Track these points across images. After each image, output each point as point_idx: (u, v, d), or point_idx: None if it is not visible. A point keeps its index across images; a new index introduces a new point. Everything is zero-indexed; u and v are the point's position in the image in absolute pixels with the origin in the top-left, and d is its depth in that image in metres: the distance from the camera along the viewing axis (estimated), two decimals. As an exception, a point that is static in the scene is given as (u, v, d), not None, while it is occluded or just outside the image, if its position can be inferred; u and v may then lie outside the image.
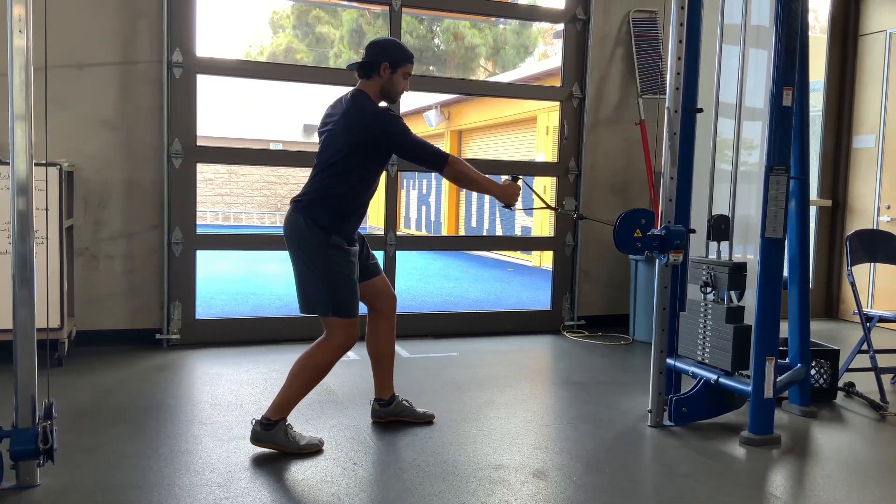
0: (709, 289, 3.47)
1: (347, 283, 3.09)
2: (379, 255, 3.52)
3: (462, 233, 15.63)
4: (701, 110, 3.62)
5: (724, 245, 3.51)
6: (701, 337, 3.53)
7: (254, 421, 3.10)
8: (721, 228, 3.46)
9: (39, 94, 3.07)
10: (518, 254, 13.34)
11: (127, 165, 4.77)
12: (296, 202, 3.15)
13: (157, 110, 4.78)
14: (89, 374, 4.19)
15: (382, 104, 3.25)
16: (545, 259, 11.56)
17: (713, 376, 3.47)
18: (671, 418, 3.55)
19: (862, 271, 5.98)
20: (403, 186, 18.25)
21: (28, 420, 2.61)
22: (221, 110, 18.27)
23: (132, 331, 4.84)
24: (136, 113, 4.76)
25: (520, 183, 3.29)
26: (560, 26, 5.84)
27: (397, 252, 5.45)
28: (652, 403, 3.58)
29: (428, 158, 3.14)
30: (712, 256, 3.55)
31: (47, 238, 4.11)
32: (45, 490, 2.65)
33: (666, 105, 3.60)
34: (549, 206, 3.61)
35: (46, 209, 4.06)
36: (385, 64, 3.16)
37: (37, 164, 3.07)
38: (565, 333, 5.69)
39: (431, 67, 19.84)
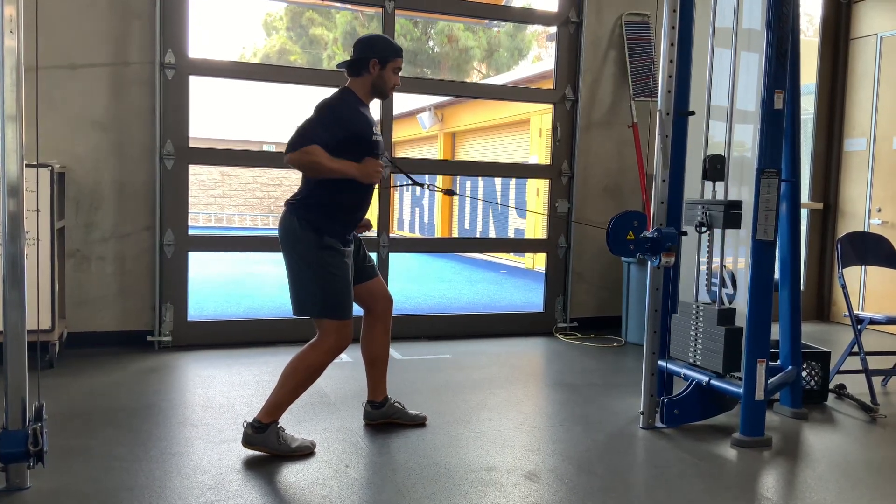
0: (704, 228, 3.45)
1: (340, 285, 3.09)
2: (372, 257, 3.52)
3: (455, 235, 15.63)
4: (693, 113, 3.64)
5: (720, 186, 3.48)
6: (693, 339, 3.54)
7: (245, 424, 3.09)
8: (717, 168, 3.43)
9: (31, 95, 3.06)
10: (511, 255, 13.35)
11: (119, 167, 4.76)
12: (290, 203, 3.15)
13: (149, 111, 4.77)
14: (80, 376, 4.17)
15: (376, 104, 3.24)
16: (538, 261, 11.57)
17: (705, 378, 3.48)
18: (663, 420, 3.55)
19: (853, 274, 6.01)
20: (397, 188, 18.23)
21: (18, 422, 2.60)
22: (214, 112, 18.23)
23: (123, 332, 4.82)
24: (128, 114, 4.74)
25: (383, 160, 3.19)
26: (553, 29, 5.85)
27: (390, 254, 5.44)
28: (644, 405, 3.59)
29: (291, 139, 3.03)
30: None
31: (38, 239, 4.09)
32: (36, 493, 2.64)
33: (658, 108, 3.61)
34: (416, 183, 3.49)
35: (37, 210, 4.05)
36: (374, 60, 3.15)
37: (28, 166, 3.05)
38: (558, 335, 5.70)
39: (425, 69, 19.85)
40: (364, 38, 3.26)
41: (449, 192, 3.51)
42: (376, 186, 3.28)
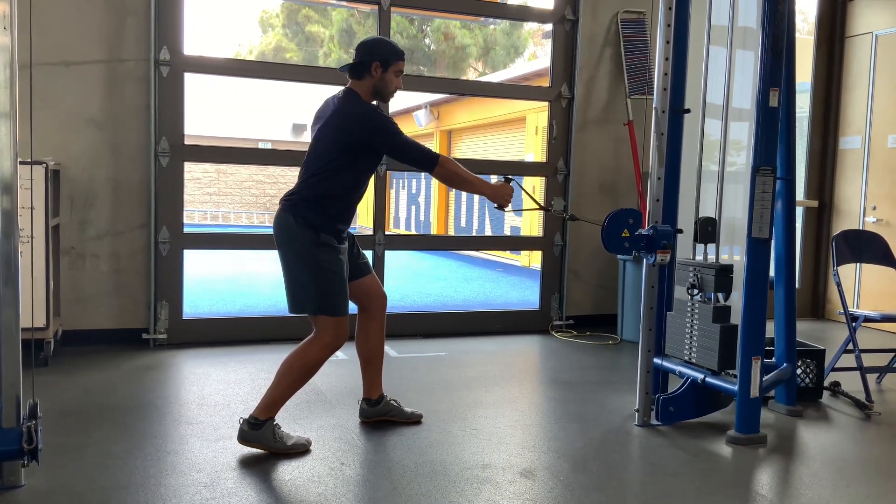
0: (696, 290, 3.48)
1: (337, 282, 3.09)
2: (368, 255, 3.52)
3: (451, 232, 15.62)
4: (688, 111, 3.64)
5: (711, 247, 3.53)
6: (688, 336, 3.54)
7: (241, 420, 3.09)
8: (708, 230, 3.47)
9: (25, 92, 3.06)
10: (507, 253, 13.35)
11: (113, 164, 4.74)
12: (286, 201, 3.15)
13: (144, 109, 4.76)
14: (75, 373, 4.17)
15: (374, 103, 3.26)
16: (534, 259, 11.58)
17: (700, 375, 3.48)
18: (658, 417, 3.56)
19: (848, 271, 6.03)
20: (393, 186, 18.24)
21: (12, 420, 2.59)
22: (210, 109, 18.20)
23: (118, 330, 4.82)
24: (122, 111, 4.73)
25: (512, 185, 3.30)
26: (549, 26, 5.85)
27: (386, 252, 5.44)
28: (639, 402, 3.59)
29: (418, 158, 3.15)
30: (699, 258, 3.56)
31: (33, 237, 4.08)
32: (30, 491, 2.63)
33: (654, 105, 3.61)
34: (542, 208, 3.63)
35: (32, 208, 4.03)
36: (376, 63, 3.16)
37: (22, 163, 3.05)
38: (554, 333, 5.70)
39: (422, 67, 19.83)
40: (366, 41, 3.26)
41: (573, 218, 3.62)
42: (370, 185, 3.32)
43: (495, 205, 3.29)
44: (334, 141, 3.10)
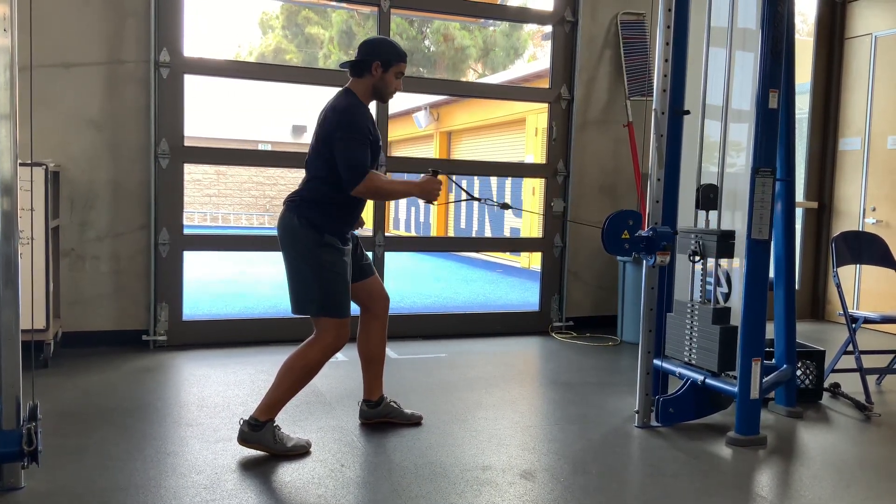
0: (697, 257, 3.47)
1: (339, 283, 3.09)
2: (369, 256, 3.52)
3: (451, 234, 15.63)
4: (688, 112, 3.64)
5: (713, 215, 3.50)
6: (688, 338, 3.54)
7: (241, 421, 3.09)
8: (710, 197, 3.46)
9: (25, 94, 3.06)
10: (507, 255, 13.35)
11: (113, 166, 4.74)
12: (289, 202, 3.15)
13: (144, 110, 4.76)
14: (75, 375, 4.16)
15: (373, 103, 3.26)
16: (533, 260, 11.58)
17: (700, 377, 3.48)
18: (658, 419, 3.56)
19: (847, 273, 6.02)
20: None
21: (12, 422, 2.59)
22: (209, 111, 18.18)
23: (118, 332, 4.81)
24: (122, 113, 4.73)
25: (441, 177, 3.25)
26: (548, 28, 5.86)
27: (386, 253, 5.44)
28: (639, 404, 3.59)
29: (347, 173, 3.02)
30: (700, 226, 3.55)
31: (33, 238, 4.08)
32: (30, 492, 2.63)
33: (653, 107, 3.62)
34: (473, 198, 3.59)
35: (31, 209, 4.03)
36: (376, 63, 3.16)
37: (22, 164, 3.05)
38: (553, 334, 5.70)
39: (421, 69, 19.84)
40: (369, 40, 3.26)
41: (504, 206, 3.60)
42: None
43: (424, 201, 3.23)
44: (326, 140, 3.09)
